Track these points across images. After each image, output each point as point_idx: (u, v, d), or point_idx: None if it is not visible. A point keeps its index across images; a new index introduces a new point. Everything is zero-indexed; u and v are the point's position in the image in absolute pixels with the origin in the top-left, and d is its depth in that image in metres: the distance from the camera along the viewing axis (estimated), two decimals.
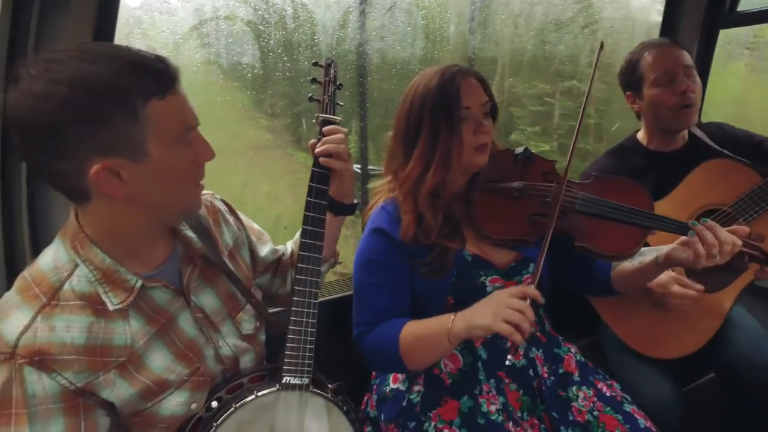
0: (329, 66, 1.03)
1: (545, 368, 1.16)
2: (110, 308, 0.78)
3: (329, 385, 0.97)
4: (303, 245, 0.96)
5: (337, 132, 0.99)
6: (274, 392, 0.91)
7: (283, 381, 0.91)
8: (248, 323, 0.99)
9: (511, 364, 1.12)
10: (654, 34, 2.07)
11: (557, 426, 1.08)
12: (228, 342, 0.94)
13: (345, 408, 0.97)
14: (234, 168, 2.17)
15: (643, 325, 1.41)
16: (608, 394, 1.15)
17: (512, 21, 2.53)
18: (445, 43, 2.32)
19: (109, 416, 0.82)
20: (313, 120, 1.02)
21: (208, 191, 1.02)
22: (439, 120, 1.06)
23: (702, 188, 1.45)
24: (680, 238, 1.07)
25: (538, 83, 2.89)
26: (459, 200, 1.13)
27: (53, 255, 0.79)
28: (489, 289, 1.11)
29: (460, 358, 1.14)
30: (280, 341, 0.94)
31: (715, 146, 1.53)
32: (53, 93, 0.66)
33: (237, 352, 0.95)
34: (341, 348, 1.18)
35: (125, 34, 1.54)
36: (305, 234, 0.96)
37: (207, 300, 0.92)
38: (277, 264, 1.16)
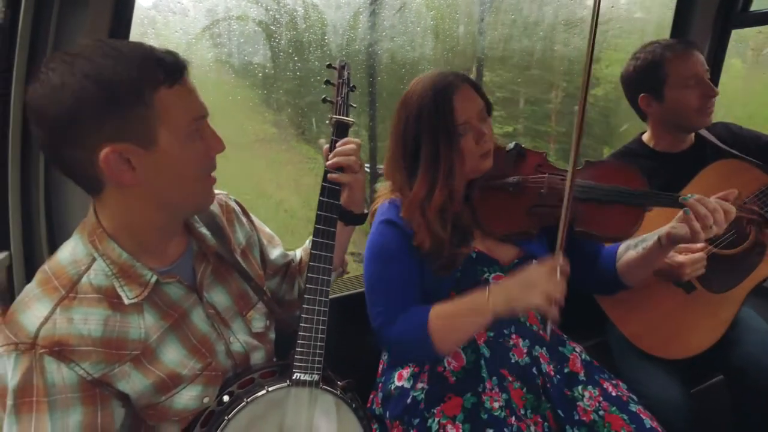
0: (343, 68, 1.04)
1: (551, 366, 1.16)
2: (126, 302, 0.80)
3: (339, 383, 0.98)
4: (317, 231, 0.97)
5: (350, 143, 1.00)
6: (285, 388, 0.92)
7: (294, 377, 0.92)
8: (259, 321, 1.00)
9: (515, 362, 1.13)
10: (663, 35, 2.06)
11: (562, 425, 1.09)
12: (239, 338, 0.95)
13: (354, 405, 0.98)
14: (240, 159, 2.24)
15: (651, 325, 1.41)
16: (614, 394, 1.16)
17: (521, 21, 2.53)
18: (455, 44, 2.32)
19: (125, 408, 0.84)
20: (327, 121, 1.03)
21: (222, 191, 1.04)
22: (438, 140, 1.06)
23: (711, 188, 1.43)
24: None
25: (503, 72, 2.90)
26: (466, 207, 1.14)
27: (72, 249, 0.81)
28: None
29: (464, 356, 1.14)
30: (291, 339, 0.95)
31: (723, 146, 1.52)
32: (68, 83, 0.69)
33: (248, 349, 0.96)
34: (347, 347, 1.19)
35: (140, 34, 1.57)
36: (319, 220, 0.97)
37: (218, 297, 0.93)
38: (287, 269, 1.17)
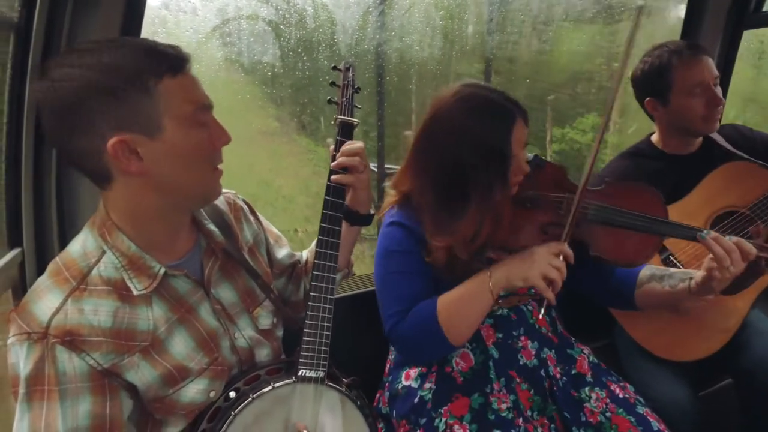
0: (348, 69, 1.05)
1: (558, 369, 1.16)
2: (134, 293, 0.81)
3: (344, 380, 0.98)
4: (322, 230, 0.98)
5: (355, 144, 1.00)
6: (290, 384, 0.92)
7: (299, 373, 0.93)
8: (265, 318, 1.01)
9: (524, 364, 1.13)
10: (674, 36, 2.04)
11: (569, 426, 1.09)
12: (244, 334, 0.96)
13: (359, 402, 0.99)
14: (244, 151, 2.33)
15: (659, 328, 1.40)
16: (621, 396, 1.15)
17: (531, 21, 2.53)
18: (464, 44, 2.33)
19: (133, 399, 0.85)
20: (332, 122, 1.04)
21: (230, 190, 1.05)
22: (494, 178, 1.02)
23: (720, 190, 1.43)
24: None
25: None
26: None
27: (82, 242, 0.83)
28: None
29: (472, 357, 1.14)
30: (297, 337, 0.96)
31: (732, 149, 1.51)
32: (74, 75, 0.72)
33: (252, 344, 0.97)
34: (355, 346, 1.20)
35: (151, 33, 1.59)
36: (324, 218, 0.99)
37: (225, 293, 0.94)
38: (293, 269, 1.18)
